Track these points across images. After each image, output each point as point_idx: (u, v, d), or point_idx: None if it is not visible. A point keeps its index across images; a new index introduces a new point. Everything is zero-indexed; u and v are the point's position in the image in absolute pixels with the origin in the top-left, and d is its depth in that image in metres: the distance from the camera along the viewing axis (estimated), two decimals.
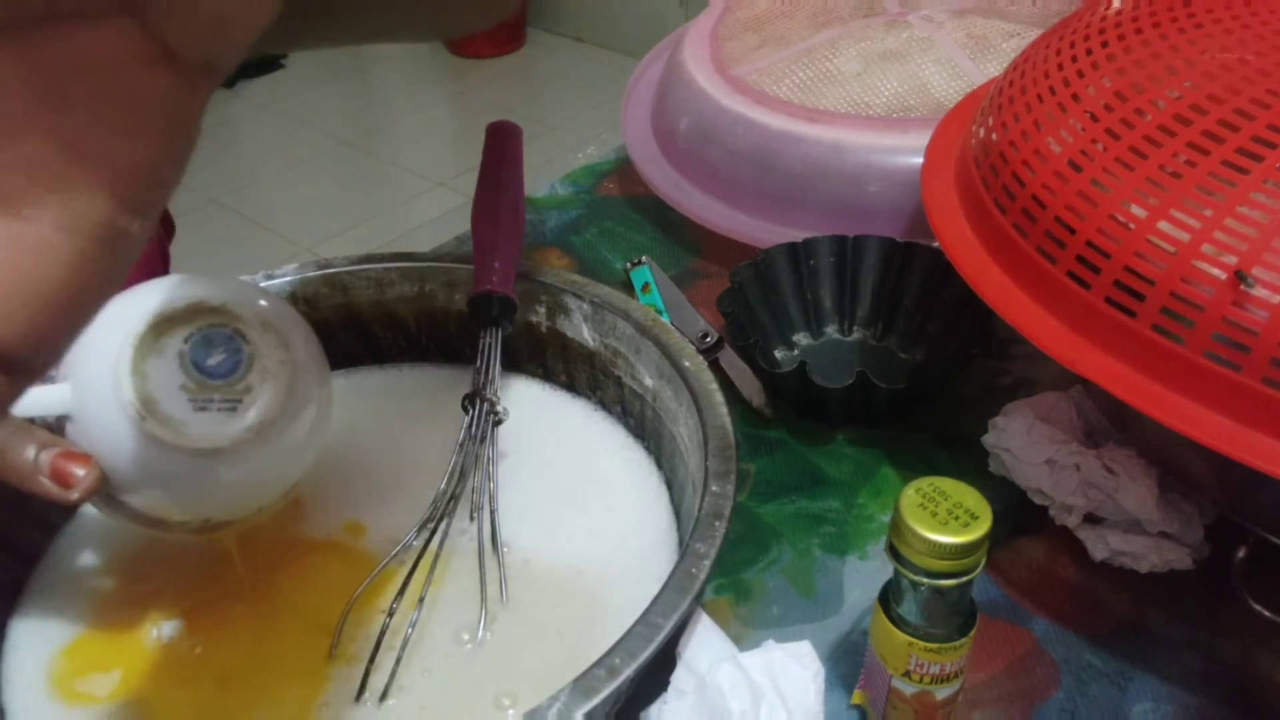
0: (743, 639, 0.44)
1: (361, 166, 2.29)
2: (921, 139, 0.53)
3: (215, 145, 2.55)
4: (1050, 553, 0.47)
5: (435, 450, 0.47)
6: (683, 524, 0.44)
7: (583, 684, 0.31)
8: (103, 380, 0.34)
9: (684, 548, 0.36)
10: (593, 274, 0.61)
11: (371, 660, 0.39)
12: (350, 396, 0.51)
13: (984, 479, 0.49)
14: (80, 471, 0.36)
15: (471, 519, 0.44)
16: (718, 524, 0.36)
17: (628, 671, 0.32)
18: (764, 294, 0.58)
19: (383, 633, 0.40)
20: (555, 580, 0.43)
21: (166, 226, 0.73)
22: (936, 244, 0.47)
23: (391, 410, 0.51)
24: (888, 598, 0.36)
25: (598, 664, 0.32)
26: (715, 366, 0.57)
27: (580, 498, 0.46)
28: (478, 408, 0.45)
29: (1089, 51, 0.44)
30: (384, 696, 0.38)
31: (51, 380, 0.36)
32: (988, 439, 0.49)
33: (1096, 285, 0.39)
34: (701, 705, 0.34)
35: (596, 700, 0.31)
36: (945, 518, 0.33)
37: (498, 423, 0.45)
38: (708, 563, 0.35)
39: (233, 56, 0.21)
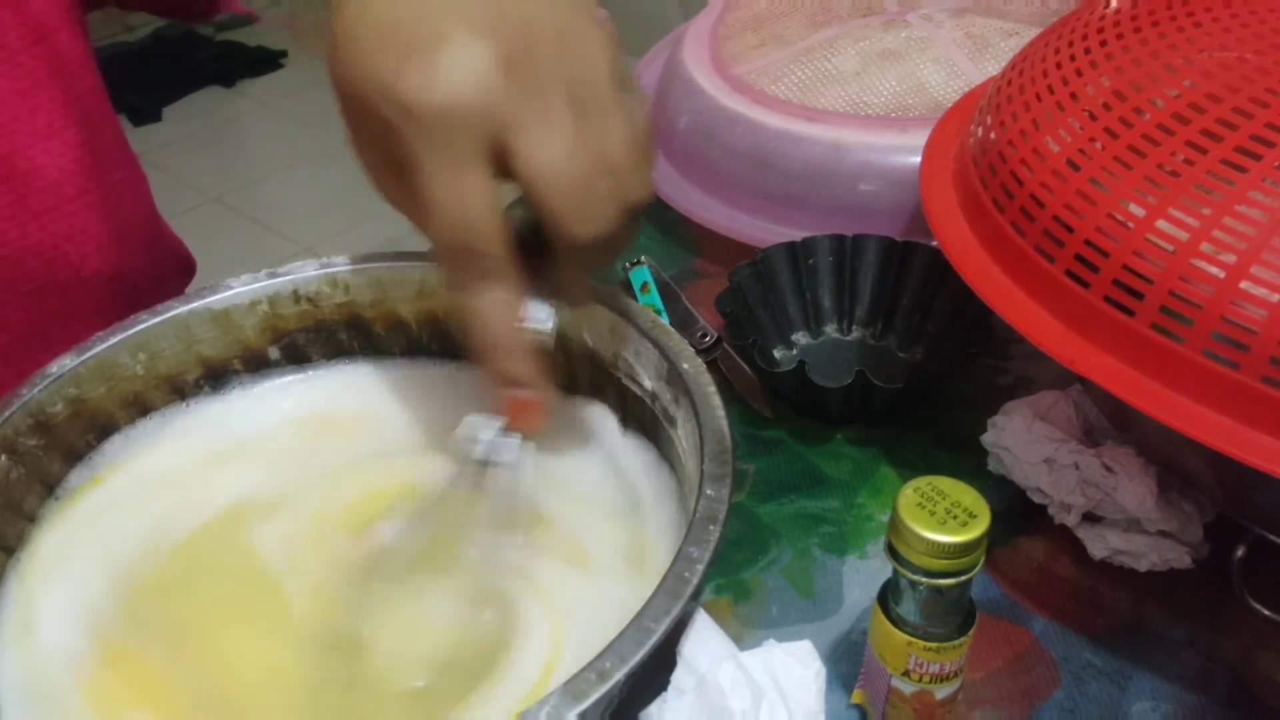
0: (742, 639, 0.44)
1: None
2: (920, 138, 0.53)
3: (216, 144, 2.55)
4: (1049, 551, 0.47)
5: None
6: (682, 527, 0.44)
7: (572, 687, 0.31)
8: None
9: (678, 551, 0.36)
10: (591, 274, 0.60)
11: None
12: (350, 395, 0.51)
13: (983, 478, 0.49)
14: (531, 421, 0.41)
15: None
16: (712, 528, 0.36)
17: (618, 675, 0.32)
18: (763, 294, 0.58)
19: None
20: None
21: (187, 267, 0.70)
22: (935, 243, 0.47)
23: (391, 409, 0.51)
24: (887, 597, 0.36)
25: (588, 667, 0.32)
26: (714, 366, 0.57)
27: (585, 500, 0.46)
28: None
29: (1087, 50, 0.44)
30: None
31: None
32: (986, 438, 0.49)
33: (1095, 284, 0.38)
34: (702, 704, 0.34)
35: (586, 704, 0.31)
36: (944, 517, 0.33)
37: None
38: (701, 566, 0.35)
39: None
